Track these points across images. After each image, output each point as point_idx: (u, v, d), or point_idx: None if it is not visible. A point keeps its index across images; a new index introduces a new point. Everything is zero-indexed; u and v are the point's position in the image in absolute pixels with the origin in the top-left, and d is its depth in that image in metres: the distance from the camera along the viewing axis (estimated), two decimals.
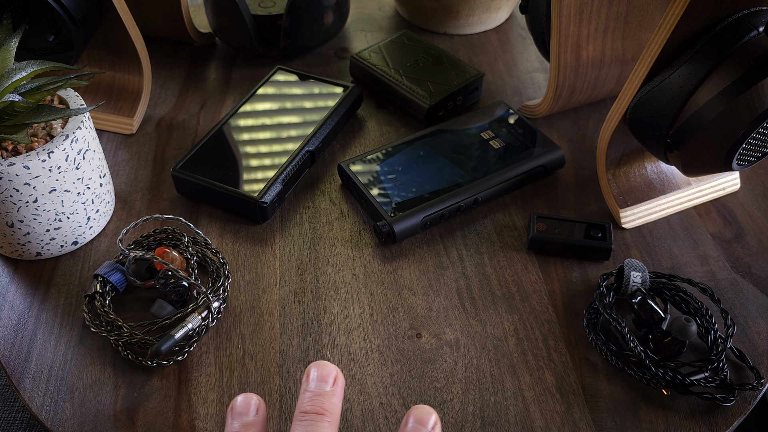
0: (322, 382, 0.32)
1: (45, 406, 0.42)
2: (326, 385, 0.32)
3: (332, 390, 0.32)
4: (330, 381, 0.32)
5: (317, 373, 0.32)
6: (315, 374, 0.32)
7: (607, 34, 0.56)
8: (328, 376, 0.32)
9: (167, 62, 0.69)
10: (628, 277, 0.45)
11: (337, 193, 0.56)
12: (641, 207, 0.53)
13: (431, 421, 0.31)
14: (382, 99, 0.65)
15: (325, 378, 0.32)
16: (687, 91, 0.43)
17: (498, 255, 0.51)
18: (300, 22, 0.65)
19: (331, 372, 0.33)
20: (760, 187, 0.56)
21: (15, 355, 0.44)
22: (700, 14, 0.42)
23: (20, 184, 0.44)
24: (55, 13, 0.52)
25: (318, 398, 0.31)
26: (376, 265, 0.50)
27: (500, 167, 0.54)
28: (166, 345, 0.42)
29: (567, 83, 0.58)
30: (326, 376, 0.32)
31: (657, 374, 0.41)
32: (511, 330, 0.46)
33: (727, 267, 0.50)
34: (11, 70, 0.44)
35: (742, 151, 0.43)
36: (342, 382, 0.33)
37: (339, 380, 0.33)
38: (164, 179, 0.57)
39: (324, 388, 0.32)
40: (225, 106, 0.64)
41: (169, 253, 0.47)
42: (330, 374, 0.32)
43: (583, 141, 0.60)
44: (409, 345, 0.45)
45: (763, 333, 0.46)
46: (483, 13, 0.72)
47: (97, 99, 0.62)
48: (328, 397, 0.32)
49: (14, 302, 0.47)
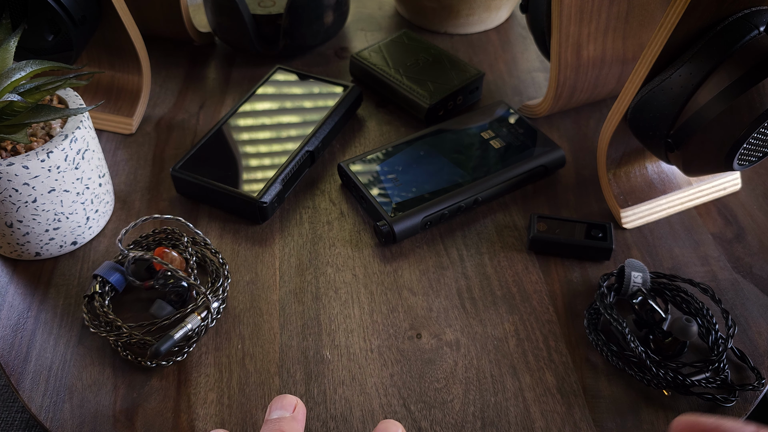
0: (283, 410, 0.33)
1: (44, 407, 0.42)
2: (286, 412, 0.33)
3: (292, 415, 0.33)
4: (290, 409, 0.33)
5: (279, 404, 0.34)
6: (276, 405, 0.34)
7: (608, 34, 0.55)
8: (289, 405, 0.33)
9: (167, 62, 0.69)
10: (628, 277, 0.45)
11: (337, 193, 0.56)
12: (642, 207, 0.53)
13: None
14: (382, 99, 0.65)
15: (286, 407, 0.33)
16: (688, 90, 0.43)
17: (498, 255, 0.51)
18: (300, 21, 0.65)
19: (292, 401, 0.34)
20: (761, 187, 0.56)
21: (14, 356, 0.44)
22: (701, 14, 0.42)
23: (19, 184, 0.44)
24: (54, 13, 0.52)
25: (277, 423, 0.32)
26: (376, 265, 0.50)
27: (501, 167, 0.54)
28: (166, 345, 0.42)
29: (567, 83, 0.58)
30: (287, 405, 0.33)
31: (658, 375, 0.41)
32: (512, 330, 0.46)
33: (728, 267, 0.50)
34: (10, 70, 0.44)
35: (742, 151, 0.43)
36: (303, 409, 0.34)
37: (299, 407, 0.34)
38: (164, 179, 0.56)
39: (284, 414, 0.33)
40: (224, 105, 0.64)
41: (169, 254, 0.47)
42: (291, 403, 0.34)
43: (584, 141, 0.60)
44: (409, 345, 0.45)
45: (764, 333, 0.46)
46: (483, 12, 0.72)
47: (96, 99, 0.61)
48: (287, 421, 0.33)
49: (13, 302, 0.47)
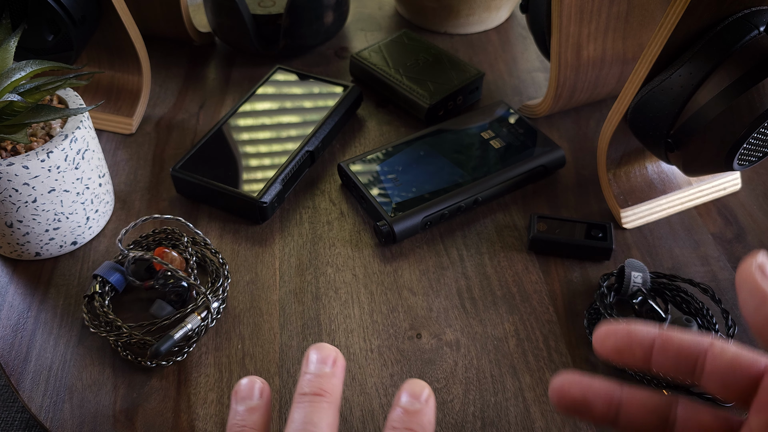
0: (322, 363, 0.31)
1: (44, 407, 0.42)
2: (326, 367, 0.31)
3: (332, 371, 0.31)
4: (330, 362, 0.31)
5: (317, 355, 0.31)
6: (315, 357, 0.31)
7: (608, 34, 0.55)
8: (328, 358, 0.31)
9: (167, 62, 0.69)
10: (628, 277, 0.45)
11: (337, 193, 0.56)
12: (642, 207, 0.53)
13: (424, 394, 0.30)
14: (382, 99, 0.65)
15: (325, 360, 0.31)
16: (688, 90, 0.43)
17: (498, 255, 0.51)
18: (300, 21, 0.65)
19: (331, 354, 0.32)
20: (761, 187, 0.56)
21: (14, 356, 0.44)
22: (701, 14, 0.42)
23: (19, 184, 0.44)
24: (54, 13, 0.52)
25: (317, 379, 0.30)
26: (376, 265, 0.50)
27: (500, 167, 0.54)
28: (166, 345, 0.42)
29: (567, 83, 0.58)
30: (326, 357, 0.31)
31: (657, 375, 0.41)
32: (512, 330, 0.46)
33: (728, 267, 0.50)
34: (10, 70, 0.44)
35: (743, 151, 0.43)
36: (342, 362, 0.32)
37: (339, 361, 0.32)
38: (164, 179, 0.56)
39: (323, 370, 0.31)
40: (224, 105, 0.64)
41: (169, 254, 0.47)
42: (329, 356, 0.31)
43: (584, 141, 0.60)
44: (409, 345, 0.45)
45: None
46: (483, 12, 0.72)
47: (96, 99, 0.61)
48: (327, 378, 0.31)
49: (13, 302, 0.47)
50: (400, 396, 0.30)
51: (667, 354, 0.26)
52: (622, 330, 0.27)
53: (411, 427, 0.29)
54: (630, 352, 0.27)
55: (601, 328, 0.28)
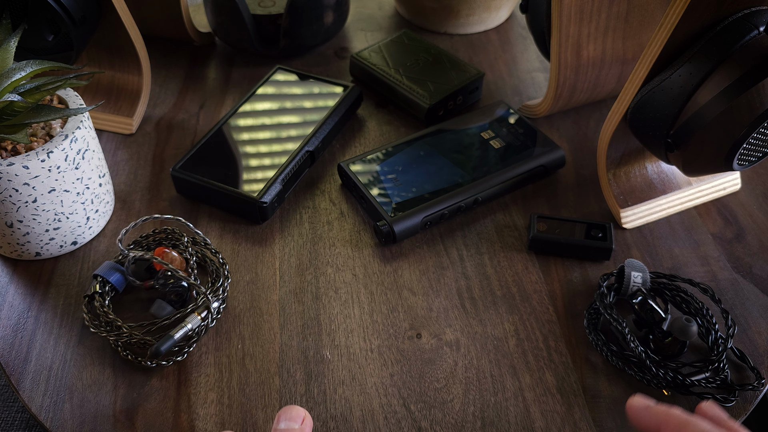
0: (291, 421, 0.34)
1: (44, 407, 0.42)
2: (295, 424, 0.34)
3: (300, 428, 0.34)
4: (299, 421, 0.34)
5: (286, 415, 0.34)
6: (284, 416, 0.34)
7: (608, 34, 0.55)
8: (297, 417, 0.34)
9: (167, 62, 0.69)
10: (628, 277, 0.45)
11: (337, 193, 0.56)
12: (642, 207, 0.53)
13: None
14: (382, 99, 0.65)
15: (294, 418, 0.34)
16: (688, 90, 0.43)
17: (498, 255, 0.51)
18: (300, 21, 0.65)
19: (300, 413, 0.35)
20: (760, 187, 0.56)
21: (14, 356, 0.44)
22: (701, 14, 0.42)
23: (19, 184, 0.44)
24: (54, 13, 0.52)
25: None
26: (376, 265, 0.50)
27: (500, 167, 0.54)
28: (166, 345, 0.42)
29: (567, 83, 0.58)
30: (295, 416, 0.34)
31: (657, 375, 0.41)
32: (512, 330, 0.46)
33: (728, 267, 0.50)
34: (10, 70, 0.44)
35: (742, 151, 0.43)
36: (310, 423, 0.35)
37: (307, 420, 0.35)
38: (164, 179, 0.56)
39: (292, 426, 0.34)
40: (225, 105, 0.64)
41: (169, 254, 0.47)
42: (299, 415, 0.34)
43: (584, 141, 0.60)
44: (409, 345, 0.45)
45: (764, 333, 0.46)
46: (483, 12, 0.72)
47: (96, 99, 0.62)
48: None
49: (13, 302, 0.47)
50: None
51: None
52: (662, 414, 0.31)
53: None
54: None
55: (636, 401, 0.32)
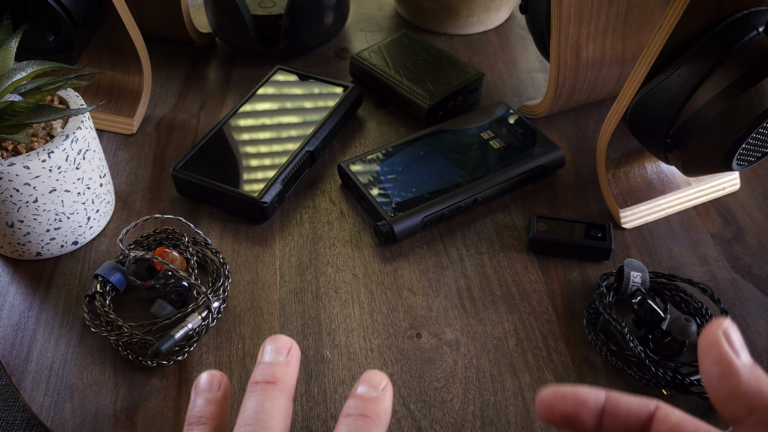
0: (276, 353, 0.31)
1: (45, 406, 0.42)
2: (280, 356, 0.31)
3: (286, 360, 0.31)
4: (284, 352, 0.31)
5: (272, 345, 0.32)
6: (270, 347, 0.32)
7: (607, 35, 0.56)
8: (283, 348, 0.31)
9: (167, 62, 0.69)
10: (627, 277, 0.46)
11: (337, 193, 0.56)
12: (641, 207, 0.53)
13: (382, 383, 0.30)
14: (382, 99, 0.65)
15: (280, 350, 0.31)
16: (687, 91, 0.43)
17: (498, 255, 0.51)
18: (300, 22, 0.65)
19: (286, 344, 0.32)
20: (760, 187, 0.56)
21: (15, 355, 0.44)
22: (700, 14, 0.42)
23: (20, 184, 0.44)
24: (55, 13, 0.52)
25: (270, 368, 0.30)
26: (376, 265, 0.50)
27: (500, 167, 0.54)
28: (166, 345, 0.42)
29: (567, 83, 0.58)
30: (281, 347, 0.31)
31: (657, 374, 0.41)
32: (511, 330, 0.46)
33: (727, 267, 0.50)
34: (11, 70, 0.44)
35: (741, 151, 0.43)
36: (297, 353, 0.32)
37: (294, 351, 0.32)
38: (164, 179, 0.57)
39: (277, 359, 0.31)
40: (225, 106, 0.64)
41: (169, 253, 0.47)
42: (285, 346, 0.32)
43: (583, 141, 0.60)
44: (409, 345, 0.45)
45: (763, 333, 0.46)
46: (483, 13, 0.72)
47: (97, 99, 0.62)
48: (280, 367, 0.31)
49: (14, 302, 0.47)
50: (357, 386, 0.29)
51: (617, 419, 0.25)
52: (570, 395, 0.25)
53: (366, 413, 0.28)
54: (579, 419, 0.25)
55: (546, 392, 0.25)
